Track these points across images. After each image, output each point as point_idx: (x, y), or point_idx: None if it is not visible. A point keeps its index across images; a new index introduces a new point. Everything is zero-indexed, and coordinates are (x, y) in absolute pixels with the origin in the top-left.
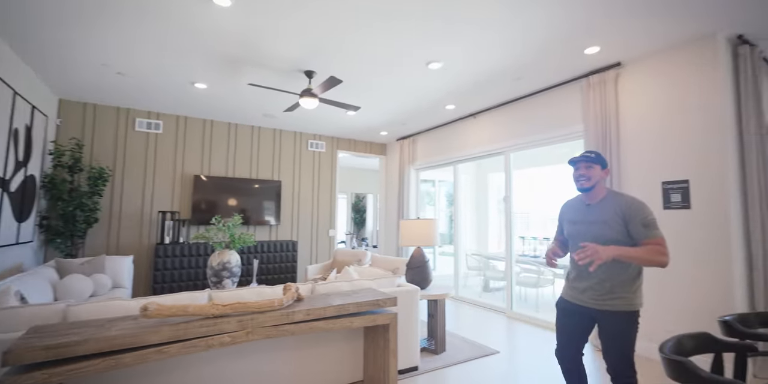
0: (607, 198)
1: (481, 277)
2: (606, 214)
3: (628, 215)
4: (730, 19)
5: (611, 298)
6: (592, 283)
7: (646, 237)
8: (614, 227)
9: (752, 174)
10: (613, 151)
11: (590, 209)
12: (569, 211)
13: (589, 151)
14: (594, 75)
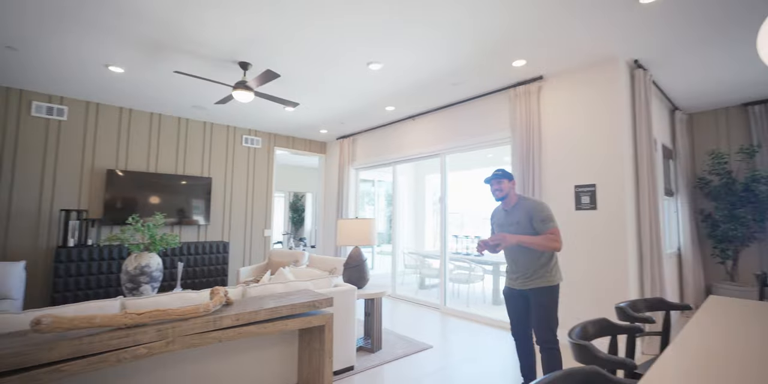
0: (518, 203)
1: (417, 275)
2: (518, 216)
3: (532, 215)
4: (628, 46)
5: (534, 279)
6: (520, 273)
7: (543, 229)
8: (525, 225)
9: (643, 180)
10: (535, 156)
11: (508, 214)
12: (496, 216)
13: (497, 169)
14: (520, 86)
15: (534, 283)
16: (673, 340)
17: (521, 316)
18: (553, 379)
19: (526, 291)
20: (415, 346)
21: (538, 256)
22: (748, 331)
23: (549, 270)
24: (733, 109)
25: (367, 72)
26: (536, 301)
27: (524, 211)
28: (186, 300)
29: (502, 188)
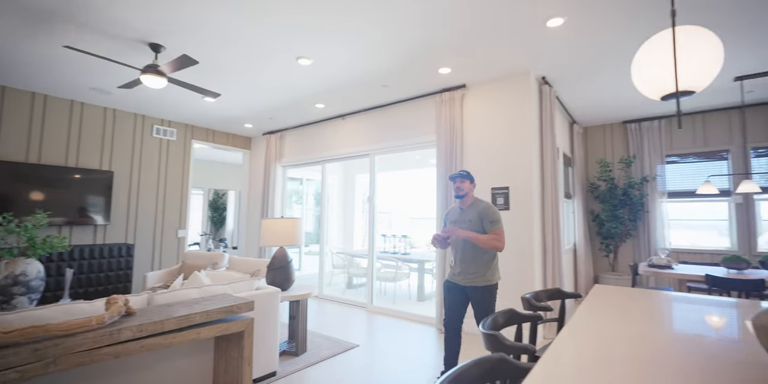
0: (473, 204)
1: (345, 274)
2: (472, 215)
3: (482, 216)
4: (537, 63)
5: (474, 277)
6: (462, 268)
7: (490, 230)
8: (477, 224)
9: (548, 183)
10: (458, 160)
11: (463, 212)
12: (451, 213)
13: (462, 170)
14: (446, 92)
15: (474, 282)
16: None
17: (457, 310)
18: (464, 368)
19: (467, 287)
20: (341, 346)
21: (482, 255)
22: (624, 312)
23: (489, 269)
24: (616, 126)
25: (296, 67)
26: (476, 297)
27: (477, 212)
28: (73, 312)
29: (464, 187)
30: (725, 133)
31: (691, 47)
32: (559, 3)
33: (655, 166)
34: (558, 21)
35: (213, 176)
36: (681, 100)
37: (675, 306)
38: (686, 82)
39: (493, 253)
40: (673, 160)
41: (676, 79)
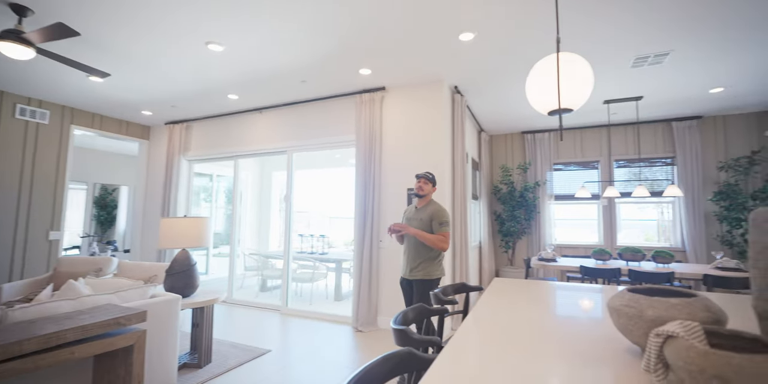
0: (429, 205)
1: (259, 277)
2: (424, 215)
3: (433, 217)
4: (450, 73)
5: (419, 271)
6: (410, 263)
7: (438, 231)
8: (426, 223)
9: (458, 186)
10: (376, 160)
11: (418, 211)
12: (408, 211)
13: (428, 171)
14: (366, 93)
15: (416, 275)
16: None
17: (410, 303)
18: (372, 365)
19: (413, 281)
20: (252, 352)
21: (428, 251)
22: (517, 301)
23: (432, 264)
24: (516, 135)
25: (206, 53)
26: (417, 290)
27: (430, 213)
28: None
29: (424, 188)
30: (597, 146)
31: (570, 71)
32: (470, 19)
33: (545, 172)
34: (469, 35)
35: (101, 169)
36: (563, 116)
37: (557, 293)
38: (566, 100)
39: (438, 251)
40: (559, 167)
41: (559, 98)
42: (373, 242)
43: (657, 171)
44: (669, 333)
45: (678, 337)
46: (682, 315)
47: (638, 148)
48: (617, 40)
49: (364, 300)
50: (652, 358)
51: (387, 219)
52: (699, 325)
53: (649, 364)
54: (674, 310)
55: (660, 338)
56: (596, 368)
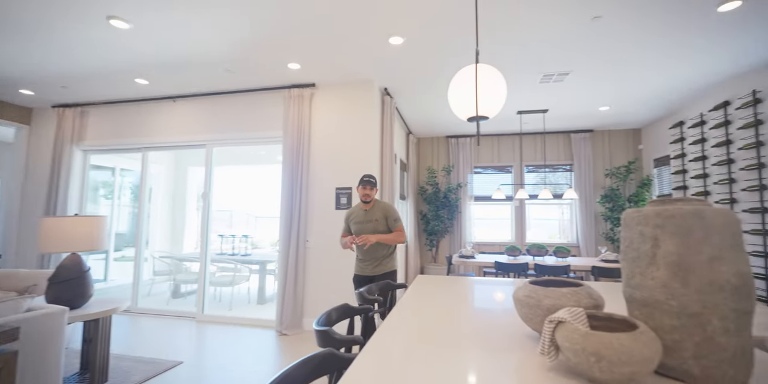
0: (376, 205)
1: (171, 282)
2: (377, 216)
3: (387, 215)
4: (380, 75)
5: (383, 266)
6: (371, 261)
7: (395, 226)
8: (382, 223)
9: (386, 186)
10: (305, 158)
11: (367, 213)
12: (354, 215)
13: (371, 175)
14: (295, 89)
15: (382, 270)
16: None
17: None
18: (291, 369)
19: (375, 276)
20: (160, 366)
21: (387, 248)
22: (438, 296)
23: (392, 258)
24: (441, 139)
25: (107, 29)
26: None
27: (382, 212)
28: None
29: (371, 194)
30: (511, 152)
31: (487, 82)
32: (400, 24)
33: (466, 174)
34: (399, 40)
35: None
36: (481, 123)
37: (474, 288)
38: (483, 108)
39: (394, 245)
40: (479, 171)
41: (477, 106)
42: (300, 242)
43: (559, 176)
44: (559, 319)
45: (566, 322)
46: (571, 302)
47: (544, 156)
48: (528, 57)
49: (289, 302)
50: (545, 342)
51: (315, 218)
52: (583, 311)
53: (543, 348)
54: (565, 298)
55: (552, 324)
56: (502, 355)
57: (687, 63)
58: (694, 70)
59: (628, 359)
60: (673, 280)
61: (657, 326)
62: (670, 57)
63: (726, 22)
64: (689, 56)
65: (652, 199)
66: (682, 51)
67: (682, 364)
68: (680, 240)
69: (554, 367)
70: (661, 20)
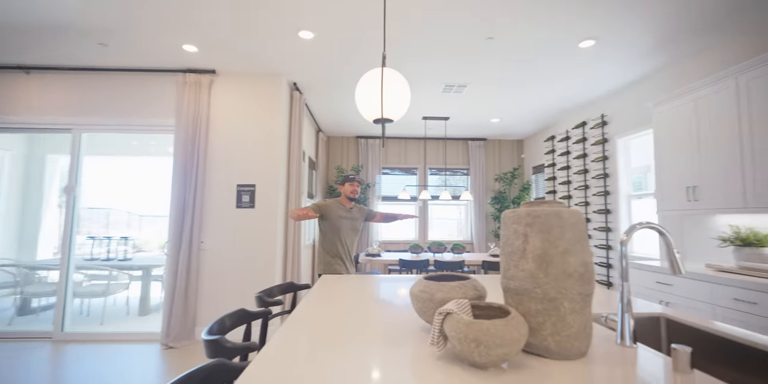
0: (356, 206)
1: (17, 296)
2: (359, 214)
3: (364, 214)
4: (289, 69)
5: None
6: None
7: (374, 216)
8: (360, 221)
9: (293, 183)
10: (201, 151)
11: (352, 211)
12: (334, 207)
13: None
14: (191, 74)
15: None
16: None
17: None
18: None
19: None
20: None
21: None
22: (342, 295)
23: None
24: (351, 139)
25: None
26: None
27: (360, 212)
28: None
29: (357, 191)
30: (416, 155)
31: (393, 86)
32: (310, 18)
33: (375, 175)
34: (309, 34)
35: None
36: (388, 125)
37: (378, 285)
38: (388, 111)
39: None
40: (387, 171)
41: (382, 108)
42: (194, 243)
43: (458, 179)
44: (447, 311)
45: (453, 313)
46: (459, 295)
47: (445, 160)
48: (432, 67)
49: (178, 311)
50: (435, 333)
51: (212, 217)
52: (468, 302)
53: (433, 339)
54: (454, 291)
55: (441, 316)
56: (399, 348)
57: (557, 87)
58: (562, 94)
59: (502, 342)
60: (538, 270)
61: (525, 311)
62: (545, 81)
63: (585, 57)
64: (559, 82)
65: (524, 202)
66: (553, 77)
67: (543, 342)
68: (544, 236)
69: (443, 355)
70: (538, 49)
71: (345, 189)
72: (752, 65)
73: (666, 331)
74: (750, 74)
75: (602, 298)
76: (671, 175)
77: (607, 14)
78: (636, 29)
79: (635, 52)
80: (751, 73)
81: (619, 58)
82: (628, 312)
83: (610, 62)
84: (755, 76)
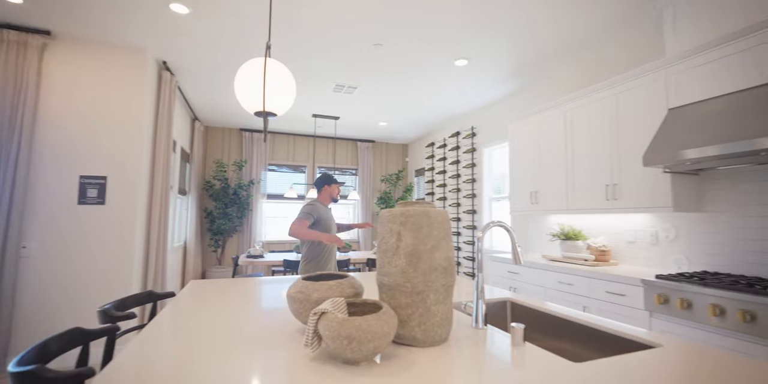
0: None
1: None
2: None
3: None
4: (158, 45)
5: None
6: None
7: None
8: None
9: (158, 177)
10: (26, 132)
11: (330, 211)
12: (323, 209)
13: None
14: (13, 30)
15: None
16: (144, 328)
17: None
18: None
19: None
20: None
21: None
22: (216, 300)
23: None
24: (234, 131)
25: None
26: None
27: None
28: None
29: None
30: (305, 153)
31: (277, 78)
32: None
33: (260, 171)
34: (183, 9)
35: None
36: (274, 120)
37: (258, 288)
38: (271, 105)
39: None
40: (273, 168)
41: (264, 100)
42: (8, 248)
43: (346, 179)
44: (322, 310)
45: (327, 312)
46: (336, 293)
47: (334, 159)
48: (323, 65)
49: None
50: (309, 334)
51: (44, 215)
52: (344, 300)
53: (307, 340)
54: (331, 290)
55: (316, 316)
56: (273, 352)
57: (436, 98)
58: (440, 105)
59: (372, 337)
60: (408, 266)
61: (397, 305)
62: (426, 91)
63: (460, 74)
64: (438, 93)
65: (399, 202)
66: (434, 88)
67: (411, 332)
68: (415, 234)
69: (317, 356)
70: (421, 61)
71: (332, 189)
72: (574, 98)
73: (511, 312)
74: (571, 105)
75: (468, 287)
76: (520, 181)
77: (475, 40)
78: (496, 58)
79: (498, 75)
80: (572, 104)
81: (486, 79)
82: (481, 299)
83: (479, 81)
84: (575, 107)
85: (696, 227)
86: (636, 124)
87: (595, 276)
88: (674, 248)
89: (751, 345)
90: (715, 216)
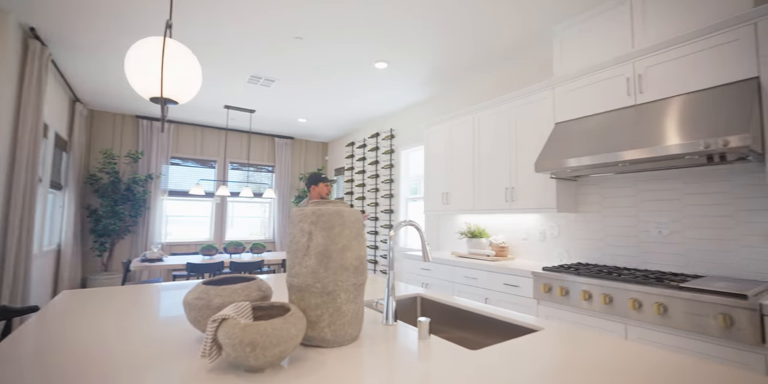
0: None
1: None
2: None
3: None
4: (22, 5)
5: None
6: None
7: None
8: None
9: (21, 168)
10: None
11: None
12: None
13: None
14: None
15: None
16: None
17: None
18: None
19: None
20: None
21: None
22: (94, 314)
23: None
24: (128, 117)
25: None
26: None
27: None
28: None
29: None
30: (215, 146)
31: (178, 62)
32: None
33: (160, 165)
34: None
35: None
36: (173, 108)
37: (154, 295)
38: (171, 91)
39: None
40: (177, 162)
41: (162, 86)
42: None
43: (262, 176)
44: (222, 317)
45: (229, 319)
46: (241, 297)
47: (249, 155)
48: (236, 54)
49: None
50: (207, 343)
51: None
52: (248, 304)
53: (205, 349)
54: (236, 294)
55: (216, 323)
56: (165, 366)
57: (356, 98)
58: (360, 105)
59: (278, 341)
60: (319, 266)
61: (306, 306)
62: (347, 90)
63: (380, 76)
64: (358, 93)
65: (312, 201)
66: (354, 88)
67: (320, 333)
68: (326, 233)
69: (215, 366)
70: (341, 60)
71: (321, 189)
72: (482, 108)
73: (421, 307)
74: (480, 114)
75: (383, 285)
76: (433, 183)
77: (393, 43)
78: (415, 63)
79: (417, 80)
80: (481, 113)
81: (405, 83)
82: (392, 295)
83: (398, 85)
84: (484, 116)
85: (574, 225)
86: (531, 135)
87: (494, 270)
88: (558, 243)
89: (610, 323)
90: (587, 216)
